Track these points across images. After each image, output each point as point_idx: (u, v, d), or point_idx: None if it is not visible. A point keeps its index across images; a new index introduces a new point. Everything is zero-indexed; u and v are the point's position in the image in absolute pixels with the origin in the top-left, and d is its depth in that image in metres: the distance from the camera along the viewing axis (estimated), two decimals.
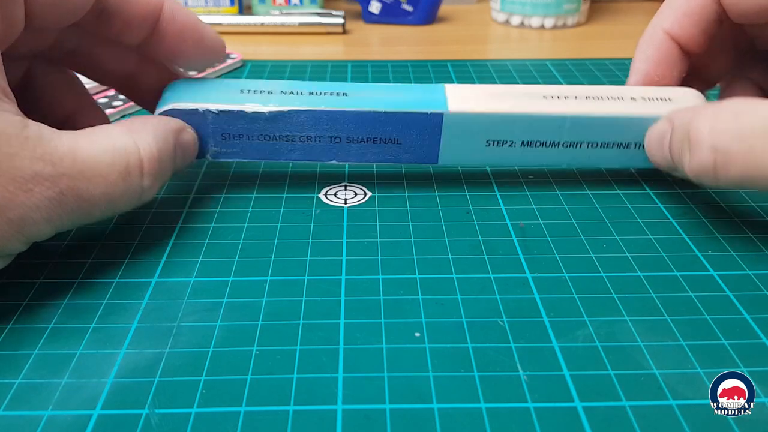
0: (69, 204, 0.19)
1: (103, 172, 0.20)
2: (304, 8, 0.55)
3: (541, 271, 0.22)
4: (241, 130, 0.25)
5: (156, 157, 0.22)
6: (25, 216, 0.18)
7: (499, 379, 0.18)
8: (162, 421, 0.16)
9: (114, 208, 0.21)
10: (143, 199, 0.22)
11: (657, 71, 0.27)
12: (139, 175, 0.21)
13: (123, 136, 0.21)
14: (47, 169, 0.18)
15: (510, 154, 0.26)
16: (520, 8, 0.54)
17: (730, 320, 0.20)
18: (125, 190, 0.21)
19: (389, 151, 0.26)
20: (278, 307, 0.20)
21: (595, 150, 0.26)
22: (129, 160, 0.21)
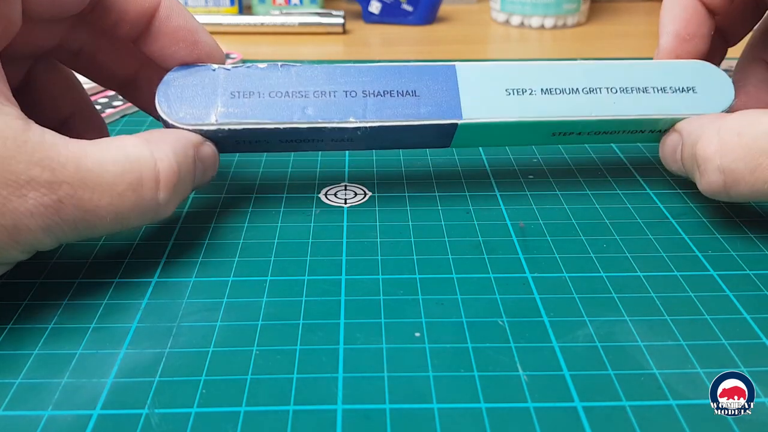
0: (68, 213, 0.18)
1: (109, 182, 0.19)
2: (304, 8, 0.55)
3: (541, 271, 0.22)
4: (253, 87, 0.24)
5: (175, 170, 0.21)
6: (18, 223, 0.17)
7: (499, 379, 0.18)
8: (162, 421, 0.16)
9: (124, 221, 0.20)
10: (160, 214, 0.21)
11: (687, 29, 0.27)
12: (154, 189, 0.20)
13: (138, 146, 0.20)
14: (45, 175, 0.18)
15: (532, 104, 0.25)
16: (520, 8, 0.54)
17: (730, 320, 0.20)
18: (136, 203, 0.20)
19: (408, 105, 0.24)
20: (278, 307, 0.20)
21: (615, 95, 0.25)
22: (143, 171, 0.20)
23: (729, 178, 0.22)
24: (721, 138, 0.22)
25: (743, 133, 0.21)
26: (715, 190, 0.22)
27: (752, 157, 0.21)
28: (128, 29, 0.23)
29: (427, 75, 0.25)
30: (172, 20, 0.23)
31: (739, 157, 0.21)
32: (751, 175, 0.21)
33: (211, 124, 0.23)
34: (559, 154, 0.30)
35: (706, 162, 0.22)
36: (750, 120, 0.22)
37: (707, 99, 0.25)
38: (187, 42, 0.24)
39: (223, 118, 0.23)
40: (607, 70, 0.25)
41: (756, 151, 0.21)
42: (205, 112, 0.23)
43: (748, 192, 0.21)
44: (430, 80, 0.24)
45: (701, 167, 0.22)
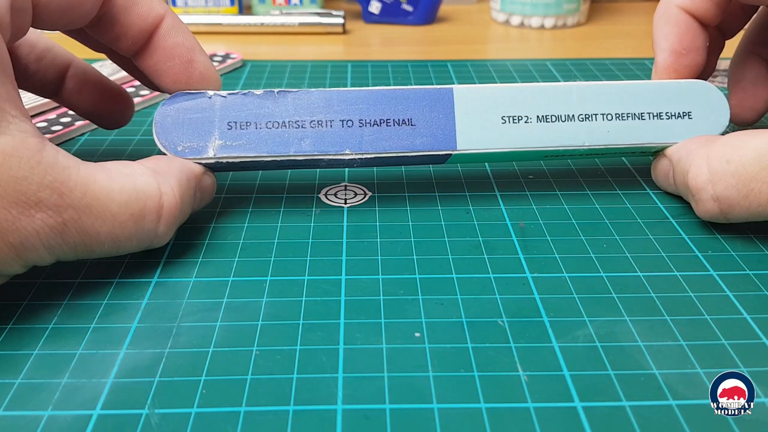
0: (71, 236, 0.18)
1: (113, 211, 0.19)
2: (304, 8, 0.55)
3: (541, 271, 0.22)
4: (249, 117, 0.24)
5: (177, 204, 0.21)
6: (24, 241, 0.18)
7: (499, 379, 0.18)
8: (162, 421, 0.16)
9: (119, 248, 0.20)
10: (155, 243, 0.21)
11: (682, 44, 0.27)
12: (155, 221, 0.20)
13: (146, 177, 0.20)
14: (53, 198, 0.18)
15: (527, 133, 0.25)
16: (520, 8, 0.54)
17: (730, 320, 0.20)
18: (134, 232, 0.20)
19: (404, 136, 0.24)
20: (278, 307, 0.20)
21: (610, 123, 0.25)
22: (147, 204, 0.20)
23: (724, 204, 0.22)
24: (711, 167, 0.22)
25: (732, 160, 0.22)
26: (713, 216, 0.23)
27: (743, 183, 0.21)
28: (129, 44, 0.23)
29: (425, 101, 0.25)
30: (171, 37, 0.23)
31: (731, 184, 0.22)
32: (745, 200, 0.22)
33: (209, 158, 0.23)
34: None
35: (700, 192, 0.23)
36: (737, 145, 0.22)
37: (702, 124, 0.26)
38: (182, 59, 0.23)
39: (221, 152, 0.24)
40: (604, 93, 0.25)
41: (746, 177, 0.21)
42: (203, 145, 0.24)
43: (745, 215, 0.22)
44: (426, 107, 0.25)
45: (695, 197, 0.23)
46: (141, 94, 0.37)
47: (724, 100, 0.26)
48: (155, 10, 0.23)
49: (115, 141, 0.32)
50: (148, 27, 0.23)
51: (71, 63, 0.27)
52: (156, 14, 0.23)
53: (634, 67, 0.43)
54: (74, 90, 0.27)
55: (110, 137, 0.33)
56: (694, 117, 0.26)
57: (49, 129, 0.32)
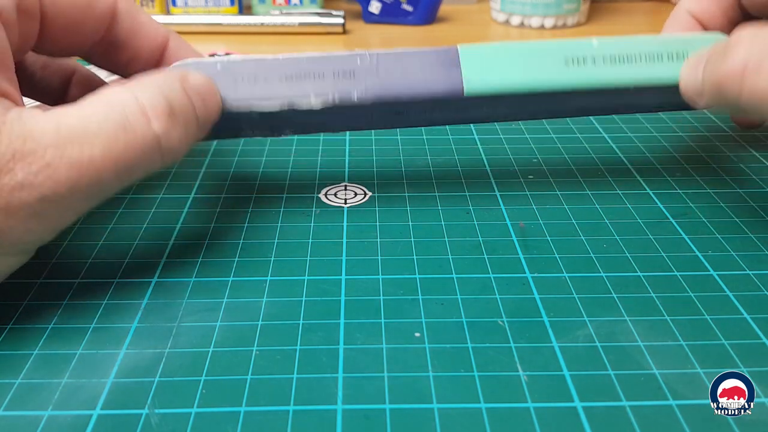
0: (62, 174, 0.17)
1: (95, 131, 0.18)
2: (304, 8, 0.55)
3: (541, 271, 0.22)
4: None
5: (160, 99, 0.20)
6: (11, 199, 0.17)
7: (499, 379, 0.18)
8: (162, 421, 0.16)
9: (128, 168, 0.19)
10: (167, 151, 0.20)
11: None
12: (144, 121, 0.19)
13: (117, 92, 0.19)
14: (28, 145, 0.17)
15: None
16: (520, 8, 0.54)
17: (730, 320, 0.20)
18: (130, 142, 0.19)
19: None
20: (278, 307, 0.20)
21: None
22: (125, 108, 0.19)
23: (752, 64, 0.20)
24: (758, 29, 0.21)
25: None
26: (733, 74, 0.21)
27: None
28: (141, 68, 0.23)
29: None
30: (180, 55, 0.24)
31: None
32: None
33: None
34: (559, 154, 0.30)
35: (737, 45, 0.21)
36: None
37: None
38: None
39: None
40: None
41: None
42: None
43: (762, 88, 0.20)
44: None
45: (729, 52, 0.21)
46: None
47: None
48: (160, 31, 0.23)
49: None
50: (157, 48, 0.23)
51: (75, 70, 0.27)
52: (162, 35, 0.23)
53: None
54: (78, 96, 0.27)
55: None
56: None
57: None
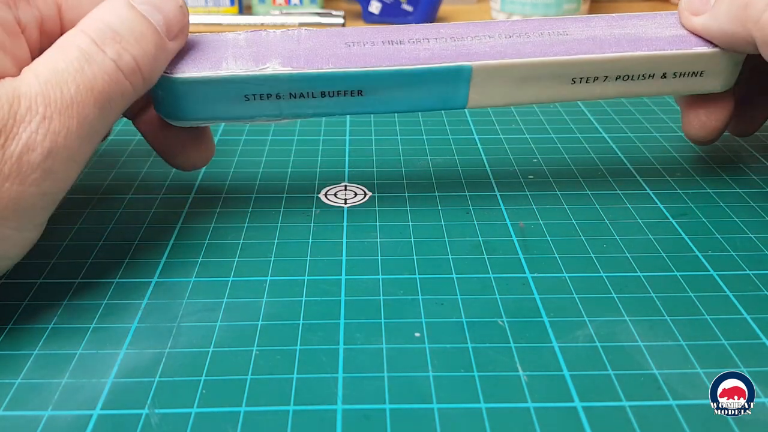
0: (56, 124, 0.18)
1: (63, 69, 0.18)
2: (304, 8, 0.55)
3: (541, 271, 0.22)
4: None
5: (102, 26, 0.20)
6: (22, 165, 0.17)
7: (499, 379, 0.18)
8: (162, 421, 0.16)
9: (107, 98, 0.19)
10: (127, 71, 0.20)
11: None
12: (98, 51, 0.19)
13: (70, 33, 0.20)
14: (23, 103, 0.18)
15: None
16: (520, 8, 0.54)
17: (730, 320, 0.20)
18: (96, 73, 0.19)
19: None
20: (278, 307, 0.20)
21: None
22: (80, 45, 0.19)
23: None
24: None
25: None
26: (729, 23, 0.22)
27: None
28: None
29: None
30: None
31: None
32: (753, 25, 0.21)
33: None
34: (559, 154, 0.30)
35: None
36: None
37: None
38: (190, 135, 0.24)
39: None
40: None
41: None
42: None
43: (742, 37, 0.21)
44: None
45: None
46: None
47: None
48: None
49: (115, 141, 0.32)
50: None
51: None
52: None
53: None
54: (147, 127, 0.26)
55: (110, 137, 0.33)
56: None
57: None
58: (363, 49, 0.23)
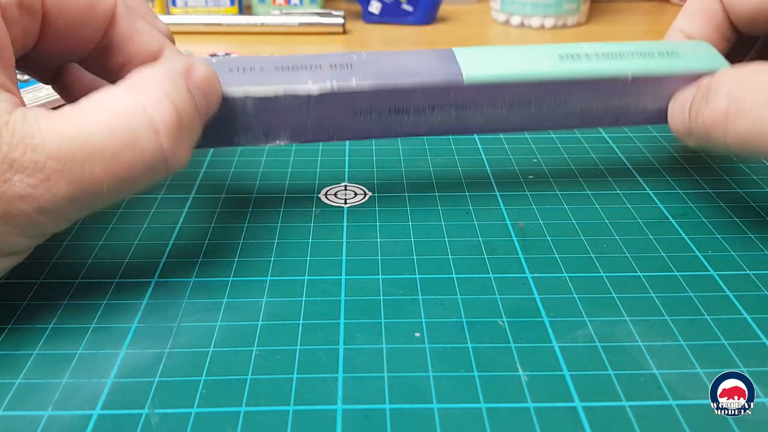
0: (61, 189, 0.17)
1: (99, 145, 0.17)
2: (304, 8, 0.55)
3: (541, 271, 0.22)
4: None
5: (172, 111, 0.19)
6: (10, 208, 0.17)
7: (499, 379, 0.18)
8: (162, 421, 0.16)
9: (129, 182, 0.18)
10: (172, 164, 0.19)
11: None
12: (153, 138, 0.18)
13: (123, 96, 0.19)
14: (27, 155, 0.17)
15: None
16: (520, 8, 0.54)
17: (730, 320, 0.20)
18: (134, 158, 0.18)
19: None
20: (278, 307, 0.20)
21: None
22: (132, 122, 0.18)
23: (734, 108, 0.21)
24: (738, 72, 0.22)
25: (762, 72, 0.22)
26: (717, 119, 0.22)
27: (761, 92, 0.21)
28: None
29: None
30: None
31: (751, 90, 0.21)
32: (756, 111, 0.21)
33: None
34: (559, 154, 0.30)
35: (718, 89, 0.22)
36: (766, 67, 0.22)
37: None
38: None
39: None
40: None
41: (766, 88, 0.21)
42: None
43: (747, 129, 0.21)
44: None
45: (710, 94, 0.22)
46: None
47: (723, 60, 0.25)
48: (155, 39, 0.22)
49: None
50: (150, 56, 0.22)
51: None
52: (157, 44, 0.22)
53: None
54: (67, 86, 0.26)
55: None
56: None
57: None
58: (368, 121, 0.24)
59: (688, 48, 0.26)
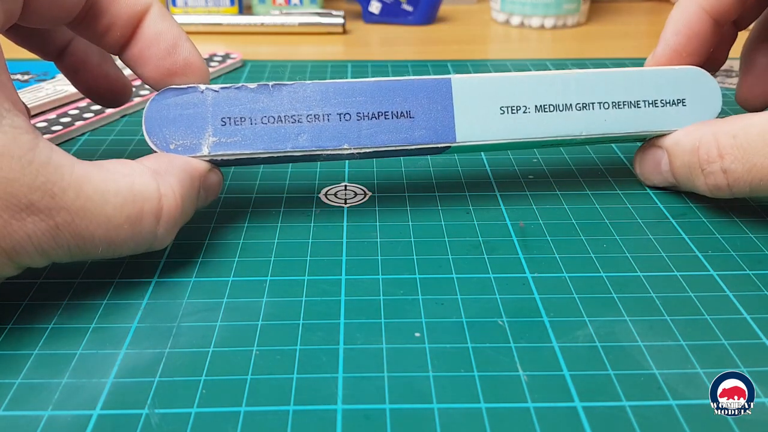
0: (64, 239, 0.18)
1: (108, 214, 0.19)
2: (304, 8, 0.55)
3: (541, 271, 0.22)
4: (244, 112, 0.23)
5: (178, 206, 0.21)
6: (16, 245, 0.17)
7: (499, 379, 0.18)
8: (162, 421, 0.16)
9: (116, 251, 0.20)
10: (154, 246, 0.21)
11: (687, 48, 0.27)
12: (153, 224, 0.20)
13: (145, 177, 0.20)
14: (45, 200, 0.17)
15: (525, 124, 0.25)
16: (520, 8, 0.54)
17: (730, 320, 0.20)
18: (131, 235, 0.19)
19: (402, 128, 0.24)
20: (278, 307, 0.20)
21: (607, 111, 0.25)
22: (144, 206, 0.19)
23: (731, 177, 0.23)
24: (719, 141, 0.23)
25: (738, 135, 0.23)
26: (720, 189, 0.24)
27: (747, 158, 0.22)
28: (117, 36, 0.22)
29: (423, 92, 0.24)
30: (156, 24, 0.23)
31: (737, 158, 0.23)
32: (748, 174, 0.22)
33: (204, 156, 0.23)
34: (559, 154, 0.30)
35: (711, 164, 0.23)
36: (742, 122, 0.23)
37: (695, 111, 0.26)
38: (166, 45, 0.23)
39: (216, 150, 0.23)
40: (601, 81, 0.25)
41: (750, 152, 0.22)
42: (197, 142, 0.23)
43: (748, 189, 0.23)
44: (425, 99, 0.24)
45: (706, 170, 0.24)
46: (141, 94, 0.37)
47: (717, 87, 0.26)
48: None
49: (115, 141, 0.32)
50: (136, 16, 0.22)
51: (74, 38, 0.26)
52: (144, 3, 0.22)
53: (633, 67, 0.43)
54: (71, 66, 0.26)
55: (110, 137, 0.33)
56: (688, 104, 0.26)
57: (49, 129, 0.32)
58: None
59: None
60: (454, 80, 0.24)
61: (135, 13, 0.22)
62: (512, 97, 0.25)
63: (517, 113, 0.25)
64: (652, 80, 0.26)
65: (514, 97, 0.25)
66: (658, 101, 0.26)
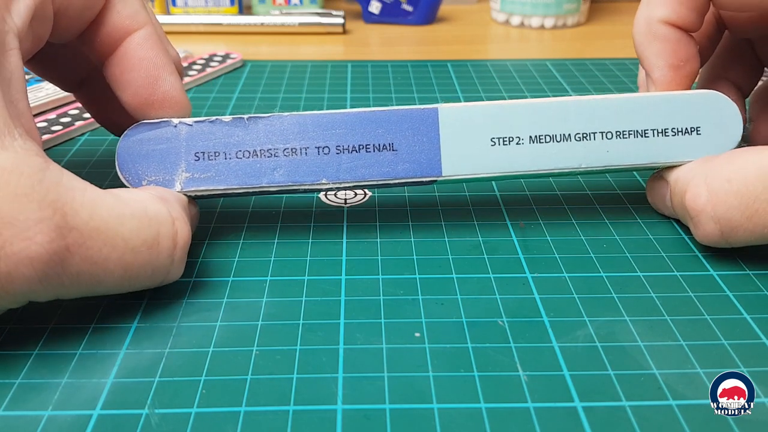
0: (74, 264, 0.17)
1: (125, 236, 0.18)
2: (304, 8, 0.55)
3: (541, 271, 0.22)
4: (218, 146, 0.22)
5: (189, 231, 0.20)
6: (13, 270, 0.16)
7: (499, 379, 0.18)
8: (162, 421, 0.16)
9: (130, 279, 0.19)
10: (170, 276, 0.20)
11: (679, 56, 0.24)
12: (171, 248, 0.19)
13: (157, 203, 0.19)
14: (56, 218, 0.16)
15: (518, 156, 0.23)
16: (520, 8, 0.54)
17: (730, 320, 0.20)
18: (148, 261, 0.19)
19: (385, 162, 0.23)
20: (278, 307, 0.20)
21: (610, 142, 0.23)
22: (161, 230, 0.19)
23: (725, 226, 0.21)
24: (710, 187, 0.21)
25: (733, 179, 0.20)
26: (714, 240, 0.21)
27: (747, 204, 0.20)
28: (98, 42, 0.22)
29: (407, 123, 0.23)
30: (142, 48, 0.22)
31: (733, 205, 0.20)
32: (749, 221, 0.20)
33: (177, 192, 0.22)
34: None
35: (699, 214, 0.21)
36: (738, 163, 0.21)
37: (712, 140, 0.23)
38: (147, 74, 0.22)
39: (189, 185, 0.22)
40: (603, 108, 0.23)
41: (749, 197, 0.20)
42: (169, 178, 0.22)
43: (749, 238, 0.21)
44: (409, 130, 0.23)
45: (694, 219, 0.22)
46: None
47: (737, 111, 0.23)
48: (138, 15, 0.22)
49: (115, 141, 0.32)
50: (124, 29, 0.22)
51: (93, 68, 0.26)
52: (139, 20, 0.22)
53: (633, 67, 0.43)
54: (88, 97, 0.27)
55: (110, 137, 0.33)
56: (703, 132, 0.23)
57: (49, 129, 0.32)
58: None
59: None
60: (441, 110, 0.23)
61: (123, 26, 0.22)
62: (504, 128, 0.23)
63: (510, 145, 0.23)
64: (662, 106, 0.23)
65: (506, 128, 0.23)
66: (668, 130, 0.23)
